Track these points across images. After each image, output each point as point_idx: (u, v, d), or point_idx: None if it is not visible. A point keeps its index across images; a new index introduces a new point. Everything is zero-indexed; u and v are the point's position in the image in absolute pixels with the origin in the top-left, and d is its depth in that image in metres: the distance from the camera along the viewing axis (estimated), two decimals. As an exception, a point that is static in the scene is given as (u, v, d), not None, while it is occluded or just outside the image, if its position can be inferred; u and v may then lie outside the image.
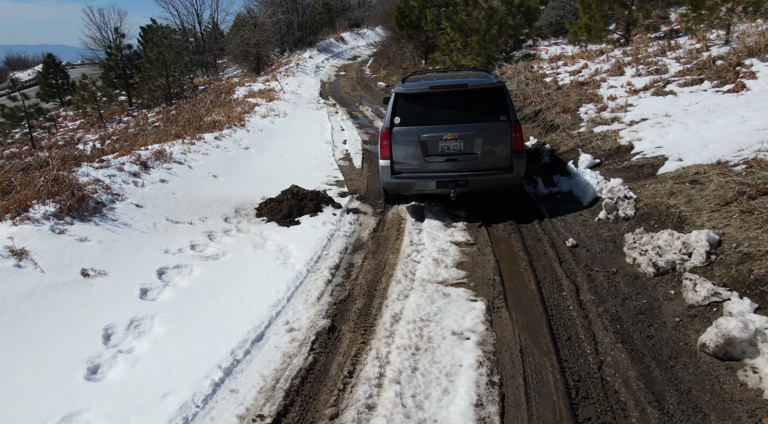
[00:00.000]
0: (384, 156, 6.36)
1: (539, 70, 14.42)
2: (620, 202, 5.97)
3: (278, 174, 9.02)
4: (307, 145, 11.49)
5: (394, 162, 6.33)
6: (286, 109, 16.03)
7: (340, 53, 36.10)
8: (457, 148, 6.20)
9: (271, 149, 10.73)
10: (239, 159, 9.40)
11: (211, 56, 32.79)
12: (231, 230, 6.17)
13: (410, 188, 6.48)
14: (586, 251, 5.43)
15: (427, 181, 6.29)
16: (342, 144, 11.99)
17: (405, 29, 24.67)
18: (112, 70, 26.97)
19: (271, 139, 11.74)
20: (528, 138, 10.45)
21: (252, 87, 23.01)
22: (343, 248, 5.91)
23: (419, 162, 6.28)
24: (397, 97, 6.31)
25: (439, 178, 6.25)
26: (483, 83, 6.30)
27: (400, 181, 6.40)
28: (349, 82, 25.69)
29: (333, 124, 14.60)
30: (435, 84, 6.30)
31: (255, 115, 14.13)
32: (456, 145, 6.19)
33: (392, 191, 6.69)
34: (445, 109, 6.22)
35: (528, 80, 13.46)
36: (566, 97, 10.98)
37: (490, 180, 6.28)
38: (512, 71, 15.11)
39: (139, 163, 6.99)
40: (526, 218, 6.68)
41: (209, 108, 16.03)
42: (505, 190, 6.71)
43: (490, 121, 6.16)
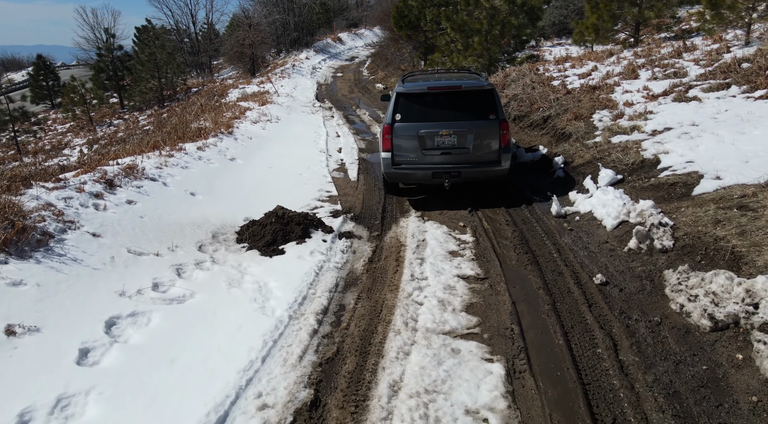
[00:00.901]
0: (385, 149, 6.99)
1: (545, 72, 13.54)
2: (654, 230, 5.11)
3: (266, 189, 8.13)
4: (300, 154, 10.60)
5: (394, 154, 6.96)
6: (279, 114, 15.14)
7: (338, 54, 35.19)
8: (451, 143, 6.81)
9: (260, 160, 9.84)
10: (223, 172, 8.50)
11: (205, 57, 31.86)
12: (205, 262, 5.29)
13: (408, 178, 7.16)
14: (618, 291, 4.56)
15: (424, 171, 6.92)
16: (337, 153, 11.11)
17: (404, 29, 23.77)
18: (102, 71, 26.03)
19: (261, 147, 10.85)
20: (537, 147, 9.58)
21: (246, 89, 22.12)
22: (333, 284, 5.04)
23: (417, 155, 6.90)
24: (398, 96, 6.93)
25: (435, 170, 6.87)
26: (475, 85, 6.99)
27: (400, 172, 7.04)
28: (347, 84, 24.79)
29: (328, 129, 13.71)
30: (432, 85, 6.98)
31: (245, 120, 13.23)
32: (450, 140, 6.79)
33: (392, 180, 7.32)
34: (441, 107, 6.87)
35: (534, 83, 12.58)
36: (577, 102, 10.11)
37: (480, 172, 6.97)
38: (516, 73, 14.23)
39: (103, 182, 6.11)
40: (541, 243, 5.82)
41: (197, 113, 15.14)
42: (494, 182, 7.42)
43: (480, 119, 6.81)
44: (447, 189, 7.12)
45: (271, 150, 10.72)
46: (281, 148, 10.95)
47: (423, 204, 7.50)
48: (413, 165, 6.97)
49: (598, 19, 14.45)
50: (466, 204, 7.34)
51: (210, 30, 33.17)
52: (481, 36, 16.97)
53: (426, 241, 6.08)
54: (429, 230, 6.43)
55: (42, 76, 30.87)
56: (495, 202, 7.45)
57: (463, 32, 17.55)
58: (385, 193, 7.95)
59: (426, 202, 7.60)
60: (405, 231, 6.47)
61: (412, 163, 6.97)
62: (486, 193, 7.89)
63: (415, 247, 5.91)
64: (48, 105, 31.39)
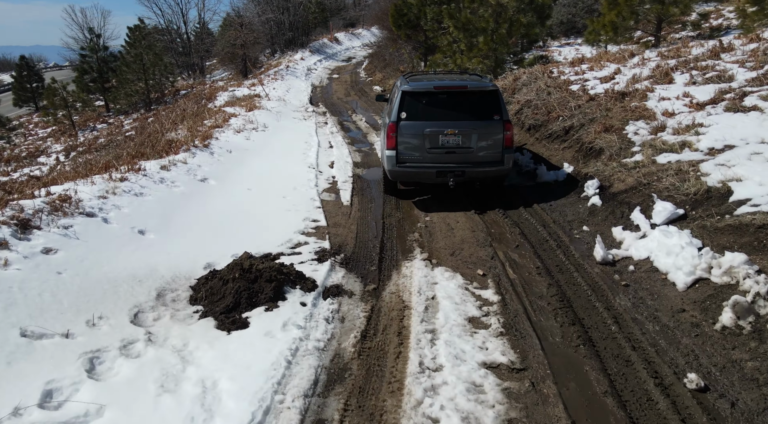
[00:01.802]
0: (390, 147, 6.89)
1: (560, 75, 12.04)
2: (760, 303, 3.62)
3: (241, 219, 6.62)
4: (286, 170, 9.09)
5: (399, 152, 6.86)
6: (268, 121, 13.60)
7: (334, 54, 33.62)
8: (455, 143, 6.77)
9: (238, 179, 8.31)
10: (189, 198, 6.98)
11: (197, 58, 30.26)
12: (136, 343, 3.78)
13: (412, 177, 7.09)
14: (730, 407, 3.07)
15: (428, 170, 6.87)
16: (328, 168, 9.59)
17: (402, 29, 22.24)
18: (86, 73, 24.43)
19: (242, 163, 9.33)
20: (560, 164, 8.09)
21: (235, 92, 20.56)
22: (310, 382, 3.52)
23: (422, 153, 6.84)
24: (404, 95, 6.82)
25: (439, 168, 6.83)
26: (480, 86, 7.00)
27: (404, 170, 6.95)
28: (343, 87, 23.25)
29: (320, 139, 12.19)
30: (438, 84, 6.91)
31: (228, 129, 11.70)
32: (455, 140, 6.75)
33: (395, 179, 7.24)
34: (446, 107, 6.81)
35: (549, 88, 11.08)
36: (605, 111, 8.61)
37: (483, 172, 6.98)
38: (528, 76, 12.72)
39: (15, 223, 4.59)
40: (589, 306, 4.33)
41: (175, 121, 13.59)
42: (496, 181, 7.45)
43: (485, 120, 6.80)
44: (451, 188, 7.02)
45: (252, 166, 9.20)
46: (265, 164, 9.42)
47: (430, 238, 6.02)
48: (417, 164, 6.91)
49: (617, 16, 12.95)
50: (481, 238, 5.88)
51: (202, 30, 31.56)
52: (487, 35, 15.46)
53: (437, 299, 4.59)
54: (440, 281, 4.94)
55: (26, 78, 29.25)
56: (518, 238, 5.96)
57: (467, 31, 16.03)
58: (383, 193, 7.81)
59: (434, 236, 6.12)
60: (409, 282, 4.98)
61: (416, 161, 6.91)
62: (507, 226, 6.40)
63: (423, 310, 4.41)
64: (32, 108, 29.76)
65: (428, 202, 7.46)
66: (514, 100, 11.87)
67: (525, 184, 8.13)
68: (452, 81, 7.31)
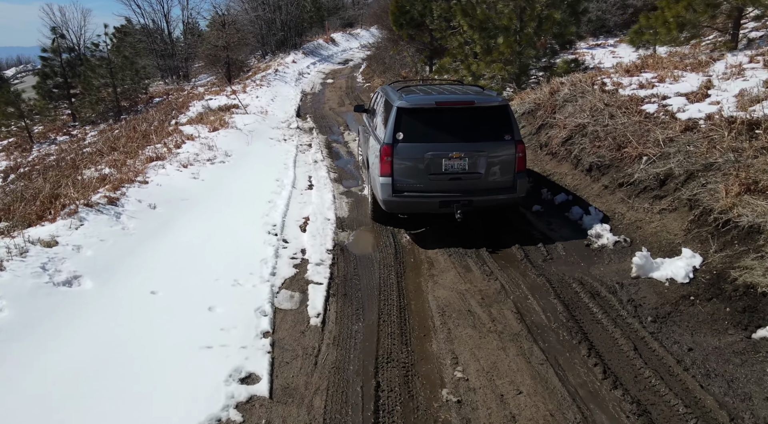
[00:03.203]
0: (384, 173, 5.73)
1: (616, 87, 8.78)
2: None
3: (102, 385, 3.39)
4: (232, 240, 5.84)
5: (395, 180, 5.72)
6: (233, 146, 10.34)
7: (330, 57, 30.27)
8: (461, 167, 5.72)
9: (143, 269, 5.02)
10: (19, 334, 3.74)
11: (179, 61, 26.95)
12: None
13: (412, 208, 5.95)
14: None
15: (431, 200, 5.77)
16: (299, 232, 6.34)
17: (405, 28, 18.92)
18: (49, 77, 21.12)
19: (165, 229, 6.04)
20: (669, 245, 4.84)
21: (211, 102, 17.27)
22: None
23: (422, 180, 5.73)
24: (400, 112, 5.68)
25: (443, 198, 5.73)
26: (489, 101, 5.90)
27: (401, 200, 5.78)
28: (337, 94, 19.96)
29: (298, 173, 8.93)
30: (441, 100, 5.82)
31: (172, 162, 8.45)
32: (460, 164, 5.70)
33: (391, 210, 5.98)
34: (450, 126, 5.75)
35: (609, 107, 7.81)
36: (730, 152, 5.34)
37: (493, 200, 5.86)
38: (571, 89, 9.43)
39: None
40: None
41: (112, 147, 10.29)
42: (507, 209, 6.40)
43: (495, 140, 5.76)
44: (459, 220, 5.78)
45: (180, 234, 5.92)
46: (203, 228, 6.15)
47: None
48: (417, 193, 5.79)
49: (687, 9, 9.64)
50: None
51: (185, 30, 28.30)
52: (510, 36, 12.17)
53: None
54: None
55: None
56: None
57: (484, 31, 12.73)
58: (372, 219, 6.64)
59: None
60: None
61: (416, 190, 5.79)
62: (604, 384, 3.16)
63: None
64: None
65: (455, 330, 4.21)
66: (556, 123, 8.61)
67: (607, 279, 4.85)
68: (454, 95, 6.14)
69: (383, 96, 6.67)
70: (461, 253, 5.68)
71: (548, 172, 7.79)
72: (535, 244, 5.75)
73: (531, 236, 5.99)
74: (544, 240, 5.84)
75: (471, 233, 6.17)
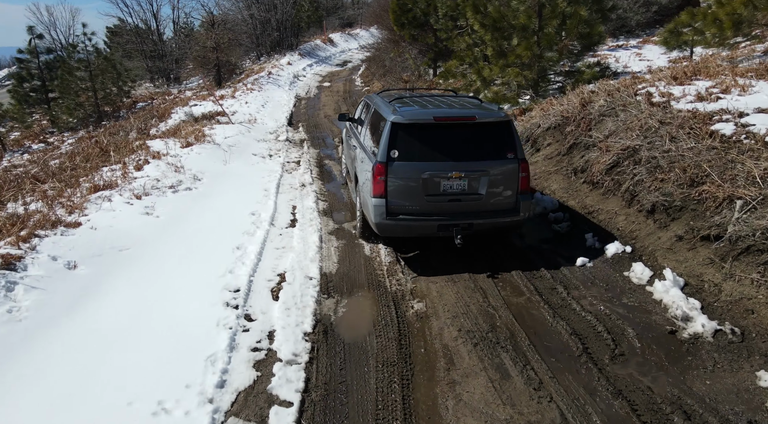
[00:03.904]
0: (378, 194, 5.15)
1: (667, 98, 7.10)
2: None
3: None
4: (165, 329, 4.14)
5: (389, 201, 5.14)
6: (207, 165, 8.67)
7: (327, 58, 28.54)
8: (460, 188, 5.17)
9: (3, 399, 3.35)
10: None
11: (169, 62, 25.21)
12: None
13: (407, 231, 5.34)
14: None
15: (428, 223, 5.19)
16: (269, 301, 4.66)
17: (406, 28, 17.22)
18: (25, 80, 19.40)
19: (79, 303, 4.33)
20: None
21: (196, 108, 15.59)
22: None
23: (419, 202, 5.16)
24: (394, 128, 5.11)
25: (442, 221, 5.17)
26: (491, 117, 5.32)
27: (396, 223, 5.18)
28: (333, 99, 18.26)
29: (279, 203, 7.26)
30: (440, 114, 5.26)
31: (123, 192, 6.78)
32: (460, 184, 5.15)
33: (384, 233, 5.40)
34: (450, 143, 5.20)
35: (663, 125, 6.14)
36: None
37: (494, 223, 5.30)
38: (607, 100, 7.75)
39: None
40: None
41: (68, 164, 8.61)
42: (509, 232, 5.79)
43: (497, 159, 5.22)
44: (459, 246, 5.15)
45: (93, 319, 4.20)
46: (130, 305, 4.44)
47: None
48: (414, 215, 5.18)
49: (746, 5, 7.94)
50: None
51: (177, 30, 26.58)
52: (529, 37, 10.48)
53: None
54: None
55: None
56: None
57: (497, 31, 11.04)
58: (359, 237, 6.00)
59: None
60: None
61: (412, 212, 5.18)
62: None
63: None
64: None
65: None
66: (594, 143, 6.93)
67: (723, 407, 3.13)
68: (453, 109, 5.51)
69: (373, 107, 6.10)
70: (491, 340, 4.01)
71: (590, 209, 6.11)
72: (593, 327, 4.08)
73: (583, 311, 4.32)
74: (603, 319, 4.17)
75: (498, 303, 4.50)
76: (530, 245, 5.79)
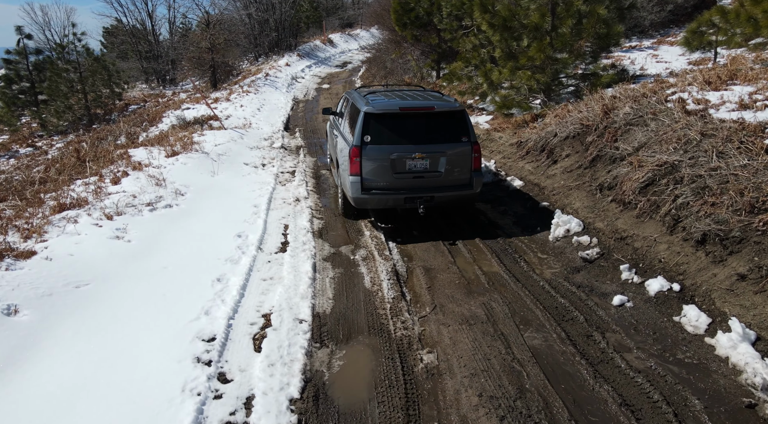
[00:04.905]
0: (354, 172, 5.99)
1: (704, 106, 6.30)
2: None
3: None
4: (115, 402, 3.33)
5: (363, 179, 5.99)
6: (193, 178, 7.87)
7: (327, 59, 27.73)
8: (423, 167, 6.03)
9: None
10: None
11: (164, 63, 24.38)
12: None
13: (379, 203, 6.17)
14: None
15: (396, 196, 6.05)
16: (250, 353, 3.86)
17: (408, 28, 16.42)
18: (13, 82, 18.59)
19: (15, 362, 3.55)
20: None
21: (188, 112, 14.82)
22: None
23: (388, 179, 6.02)
24: (367, 117, 5.98)
25: (408, 195, 6.02)
26: (448, 107, 6.21)
27: (370, 197, 6.03)
28: (332, 102, 17.41)
29: (269, 222, 6.47)
30: (404, 105, 6.17)
31: (92, 211, 5.97)
32: (422, 164, 6.01)
33: (360, 206, 6.26)
34: (413, 129, 6.08)
35: (706, 138, 5.34)
36: None
37: (452, 196, 6.19)
38: (633, 107, 6.95)
39: None
40: None
41: (44, 178, 7.80)
42: (464, 205, 6.66)
43: (453, 142, 6.09)
44: (422, 215, 6.13)
45: (25, 388, 3.40)
46: (77, 364, 3.62)
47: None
48: (384, 190, 6.03)
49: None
50: None
51: (172, 30, 25.77)
52: (541, 37, 9.67)
53: None
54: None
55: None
56: None
57: (507, 31, 10.24)
58: (342, 215, 6.83)
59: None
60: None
61: (382, 188, 6.03)
62: None
63: None
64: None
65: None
66: (621, 156, 6.13)
67: None
68: (416, 101, 6.37)
69: (351, 100, 6.87)
70: (520, 411, 3.21)
71: (623, 234, 5.29)
72: (646, 395, 3.27)
73: (631, 370, 3.51)
74: (657, 383, 3.37)
75: (525, 357, 3.69)
76: (555, 275, 4.99)
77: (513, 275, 5.02)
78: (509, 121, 10.52)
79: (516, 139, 9.27)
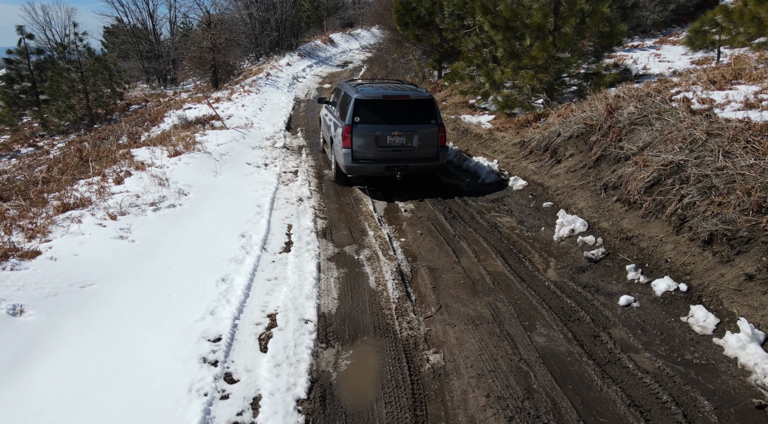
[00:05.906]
0: (346, 146, 7.38)
1: (709, 105, 6.28)
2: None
3: None
4: (119, 404, 3.31)
5: (353, 150, 7.38)
6: (196, 178, 7.85)
7: (328, 59, 27.71)
8: (400, 142, 7.48)
9: None
10: None
11: (165, 63, 24.38)
12: None
13: (365, 171, 7.54)
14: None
15: (379, 165, 7.45)
16: (256, 354, 3.85)
17: (410, 28, 16.38)
18: (15, 82, 18.58)
19: (20, 362, 3.54)
20: None
21: (190, 112, 14.81)
22: None
23: (373, 151, 7.43)
24: (357, 102, 7.42)
25: (388, 164, 7.44)
26: (420, 96, 7.74)
27: (358, 165, 7.45)
28: (334, 101, 17.41)
29: (273, 222, 6.45)
30: (386, 94, 7.63)
31: (96, 211, 5.96)
32: (400, 140, 7.46)
33: (350, 173, 7.65)
34: (392, 113, 7.56)
35: (712, 138, 5.32)
36: None
37: (422, 166, 7.63)
38: (637, 107, 6.93)
39: None
40: None
41: (46, 177, 7.78)
42: (432, 173, 8.13)
43: (424, 124, 7.57)
44: (399, 180, 7.59)
45: (30, 390, 3.39)
46: (82, 365, 3.62)
47: None
48: (369, 160, 7.42)
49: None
50: None
51: (173, 30, 25.75)
52: (543, 36, 9.64)
53: None
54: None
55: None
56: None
57: (509, 31, 10.19)
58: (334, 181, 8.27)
59: None
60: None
61: (368, 158, 7.42)
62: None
63: None
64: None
65: None
66: (626, 155, 6.11)
67: None
68: (395, 90, 7.94)
69: (342, 90, 8.39)
70: (528, 411, 3.19)
71: (628, 234, 5.27)
72: (655, 395, 3.26)
73: (639, 371, 3.50)
74: (666, 383, 3.35)
75: (532, 357, 3.67)
76: (561, 275, 4.97)
77: (518, 275, 5.01)
78: (512, 120, 10.49)
79: (519, 138, 9.24)
